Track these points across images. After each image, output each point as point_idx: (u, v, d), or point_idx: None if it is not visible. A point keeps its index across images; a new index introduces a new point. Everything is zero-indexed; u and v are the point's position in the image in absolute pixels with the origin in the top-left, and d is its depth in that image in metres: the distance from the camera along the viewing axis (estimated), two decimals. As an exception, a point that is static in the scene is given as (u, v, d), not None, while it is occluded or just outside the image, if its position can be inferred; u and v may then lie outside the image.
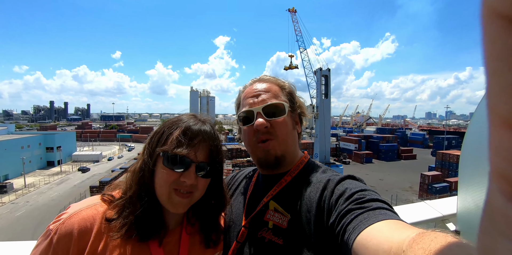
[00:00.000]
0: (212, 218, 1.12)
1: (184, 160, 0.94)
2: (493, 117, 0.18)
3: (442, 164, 44.22)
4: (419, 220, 2.11)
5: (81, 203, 0.97)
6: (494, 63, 0.17)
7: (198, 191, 1.00)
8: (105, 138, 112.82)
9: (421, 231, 0.55)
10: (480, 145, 1.87)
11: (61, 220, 0.88)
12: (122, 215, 0.92)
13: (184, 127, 0.97)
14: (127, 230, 0.90)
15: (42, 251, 0.86)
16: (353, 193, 0.87)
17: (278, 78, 1.21)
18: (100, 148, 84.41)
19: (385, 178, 49.81)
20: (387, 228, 0.67)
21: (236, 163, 54.85)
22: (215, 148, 1.01)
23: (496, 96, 0.18)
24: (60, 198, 37.47)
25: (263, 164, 1.13)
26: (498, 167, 0.18)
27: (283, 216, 1.03)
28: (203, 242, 1.09)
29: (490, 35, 0.17)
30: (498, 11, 0.17)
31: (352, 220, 0.77)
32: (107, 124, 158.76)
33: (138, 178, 0.97)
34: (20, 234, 26.20)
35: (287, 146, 1.11)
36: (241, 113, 1.14)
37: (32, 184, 44.63)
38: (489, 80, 0.18)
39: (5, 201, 36.87)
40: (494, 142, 0.19)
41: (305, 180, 1.07)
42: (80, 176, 51.20)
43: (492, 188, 0.20)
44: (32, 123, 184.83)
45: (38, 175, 51.91)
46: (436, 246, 0.45)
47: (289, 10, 60.04)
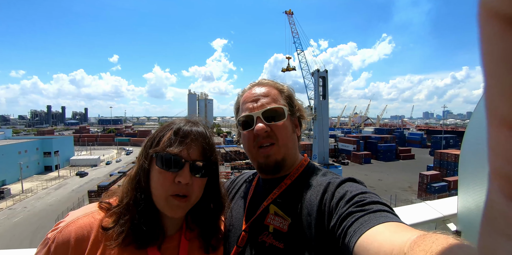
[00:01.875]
0: (211, 223, 1.10)
1: (177, 159, 0.93)
2: (491, 118, 0.18)
3: (441, 163, 44.31)
4: (420, 221, 2.10)
5: (79, 211, 0.97)
6: (493, 64, 0.17)
7: (195, 193, 0.99)
8: (103, 142, 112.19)
9: (422, 233, 0.55)
10: (480, 144, 1.86)
11: (59, 229, 0.88)
12: (118, 223, 0.91)
13: (175, 128, 0.98)
14: (124, 238, 0.89)
15: None
16: (354, 196, 0.87)
17: (276, 82, 1.20)
18: (98, 152, 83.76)
19: (384, 178, 49.83)
20: (388, 230, 0.66)
21: (235, 165, 54.70)
22: (208, 146, 1.00)
23: (494, 97, 0.18)
24: (58, 203, 37.07)
25: (264, 168, 1.12)
26: (498, 167, 0.18)
27: (283, 220, 1.02)
28: (202, 248, 1.07)
29: (488, 36, 0.17)
30: (497, 12, 0.17)
31: (353, 223, 0.76)
32: (105, 128, 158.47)
33: (135, 184, 0.97)
34: (18, 240, 25.86)
35: (288, 149, 1.11)
36: (240, 118, 1.13)
37: (29, 189, 44.15)
38: (488, 81, 0.18)
39: (3, 207, 36.44)
40: (493, 142, 0.19)
41: (305, 183, 1.06)
42: (78, 181, 50.71)
43: (492, 188, 0.20)
44: (29, 128, 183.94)
45: (35, 180, 51.39)
46: (437, 248, 0.45)
47: (285, 12, 60.36)
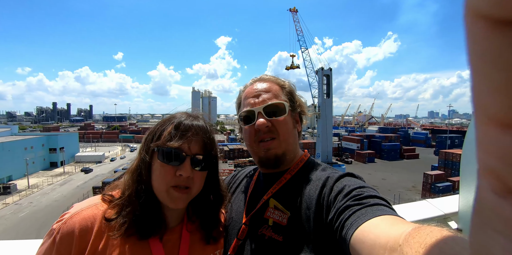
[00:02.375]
0: (212, 215, 1.13)
1: (178, 153, 0.95)
2: (479, 115, 0.19)
3: (445, 163, 44.02)
4: (421, 218, 2.12)
5: (83, 203, 0.99)
6: (478, 63, 0.18)
7: (196, 185, 1.01)
8: (107, 138, 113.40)
9: (417, 225, 0.56)
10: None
11: (63, 220, 0.91)
12: (121, 214, 0.94)
13: (176, 122, 0.99)
14: (127, 228, 0.91)
15: (46, 250, 0.91)
16: (352, 190, 0.88)
17: (278, 78, 1.22)
18: (102, 149, 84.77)
19: (388, 177, 49.64)
20: (384, 223, 0.68)
21: (238, 163, 55.07)
22: (208, 141, 1.02)
23: (482, 95, 0.18)
24: (63, 198, 37.63)
25: (264, 162, 1.14)
26: (487, 164, 0.19)
27: (283, 213, 1.04)
28: (203, 239, 1.10)
29: (474, 36, 0.18)
30: (481, 12, 0.17)
31: (350, 216, 0.78)
32: (109, 125, 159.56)
33: (136, 176, 0.99)
34: (23, 234, 26.31)
35: (288, 144, 1.13)
36: (242, 113, 1.15)
37: (35, 185, 44.89)
38: (474, 79, 0.18)
39: (9, 202, 37.12)
40: (481, 139, 0.19)
41: (304, 178, 1.08)
42: (83, 177, 51.44)
43: (481, 184, 0.20)
44: (35, 125, 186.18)
45: (41, 175, 52.24)
46: (431, 240, 0.46)
47: (290, 10, 60.15)
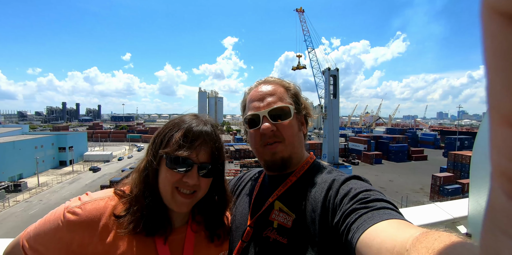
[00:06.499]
0: (217, 215, 1.14)
1: (186, 161, 0.97)
2: (494, 114, 0.18)
3: (454, 165, 43.31)
4: (429, 222, 2.07)
5: (97, 193, 1.02)
6: (495, 60, 0.17)
7: (201, 191, 1.03)
8: (115, 138, 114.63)
9: (424, 230, 0.55)
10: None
11: (78, 203, 0.94)
12: (129, 211, 0.95)
13: (186, 129, 0.99)
14: (134, 226, 0.93)
15: (52, 228, 0.91)
16: (358, 193, 0.87)
17: (283, 80, 1.21)
18: (110, 148, 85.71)
19: (395, 179, 48.99)
20: (391, 227, 0.67)
21: (244, 163, 55.11)
22: (216, 149, 1.03)
23: (497, 93, 0.18)
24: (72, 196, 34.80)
25: (270, 165, 1.14)
26: (500, 166, 0.18)
27: (288, 216, 1.03)
28: (208, 240, 1.10)
29: (490, 33, 0.17)
30: (498, 8, 0.17)
31: (356, 219, 0.77)
32: (117, 125, 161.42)
33: (143, 177, 1.01)
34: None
35: (294, 147, 1.12)
36: (247, 116, 1.14)
37: (45, 183, 45.78)
38: (490, 78, 0.18)
39: (20, 200, 37.90)
40: (495, 140, 0.18)
41: (310, 180, 1.07)
42: (91, 176, 52.22)
43: (494, 187, 0.19)
44: (45, 124, 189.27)
45: (51, 174, 53.20)
46: (439, 245, 0.45)
47: (297, 10, 59.90)
